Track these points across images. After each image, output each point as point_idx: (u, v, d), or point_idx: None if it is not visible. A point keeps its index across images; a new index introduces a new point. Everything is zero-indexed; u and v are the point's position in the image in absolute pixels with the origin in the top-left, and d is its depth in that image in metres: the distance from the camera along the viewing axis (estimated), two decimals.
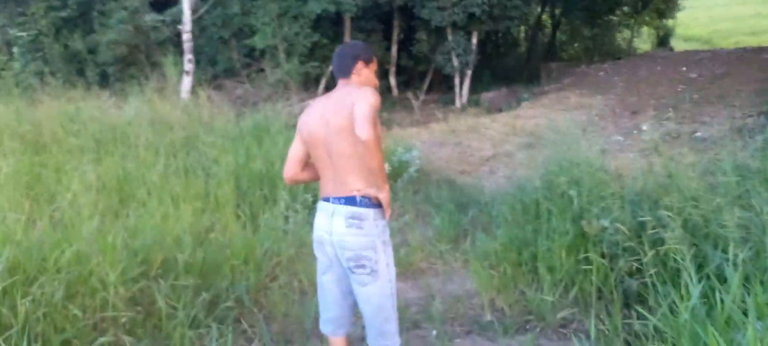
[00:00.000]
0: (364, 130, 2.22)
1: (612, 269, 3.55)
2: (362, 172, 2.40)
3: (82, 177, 4.89)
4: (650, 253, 3.22)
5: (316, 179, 2.65)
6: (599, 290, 3.58)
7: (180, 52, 11.76)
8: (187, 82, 11.16)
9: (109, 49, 12.65)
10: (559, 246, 3.81)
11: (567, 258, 3.75)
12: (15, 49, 12.95)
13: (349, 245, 2.42)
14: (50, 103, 7.74)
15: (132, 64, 13.11)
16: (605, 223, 3.62)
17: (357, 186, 2.41)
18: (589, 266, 3.59)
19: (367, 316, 2.54)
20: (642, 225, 3.54)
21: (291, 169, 2.65)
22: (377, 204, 2.42)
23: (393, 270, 2.54)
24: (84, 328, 2.79)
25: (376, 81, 2.64)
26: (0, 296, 2.63)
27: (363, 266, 2.43)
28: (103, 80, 12.88)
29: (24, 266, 2.85)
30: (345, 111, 2.35)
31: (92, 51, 13.08)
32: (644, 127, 7.42)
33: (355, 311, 2.74)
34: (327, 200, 2.51)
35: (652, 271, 3.22)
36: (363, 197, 2.41)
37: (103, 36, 12.67)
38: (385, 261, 2.47)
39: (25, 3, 12.92)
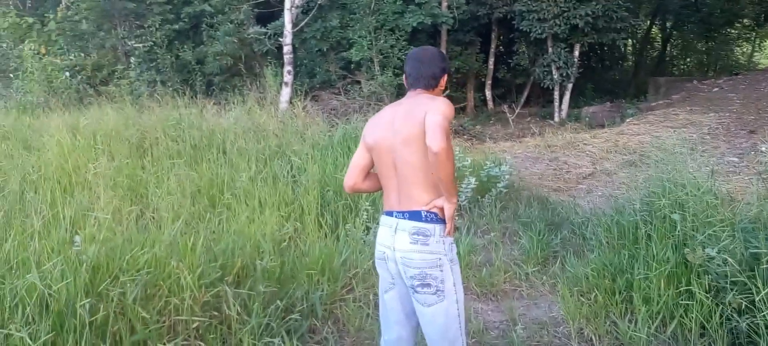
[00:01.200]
0: (436, 140, 2.10)
1: (718, 305, 3.18)
2: (428, 185, 2.27)
3: (177, 181, 5.10)
4: (765, 289, 2.85)
5: (378, 189, 2.54)
6: (702, 328, 3.23)
7: (281, 63, 12.17)
8: (285, 92, 11.50)
9: (215, 60, 13.34)
10: (658, 275, 3.50)
11: (666, 289, 3.43)
12: (132, 60, 13.96)
13: (414, 262, 2.29)
14: (158, 110, 8.22)
15: (236, 75, 13.75)
16: (712, 252, 3.26)
17: (424, 200, 2.28)
18: (692, 301, 3.24)
19: (432, 339, 2.39)
20: (756, 257, 3.16)
21: (352, 177, 2.54)
22: (444, 219, 2.28)
23: (461, 290, 2.39)
24: (156, 330, 2.85)
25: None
26: (82, 294, 2.74)
27: (428, 286, 2.29)
28: (209, 90, 13.59)
29: (108, 265, 2.96)
30: (415, 120, 2.23)
31: (200, 62, 13.85)
32: (763, 148, 6.72)
33: (418, 334, 2.58)
34: (390, 213, 2.40)
35: (766, 310, 2.84)
36: (428, 212, 2.28)
37: (211, 47, 13.38)
38: (452, 280, 2.32)
39: (143, 16, 13.91)
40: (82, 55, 14.58)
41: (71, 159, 5.81)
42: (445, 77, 2.49)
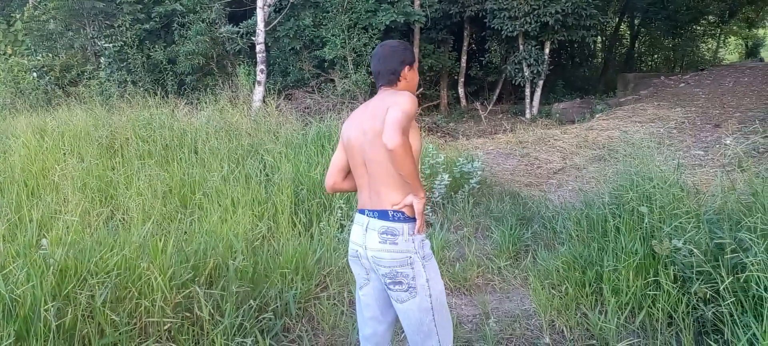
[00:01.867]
0: (390, 137, 2.08)
1: (684, 295, 3.26)
2: (397, 183, 2.27)
3: (148, 181, 5.03)
4: (728, 279, 2.93)
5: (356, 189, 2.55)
6: (669, 317, 3.30)
7: (253, 62, 12.08)
8: (258, 91, 11.42)
9: (187, 60, 13.18)
10: (626, 267, 3.56)
11: (634, 280, 3.49)
12: (102, 60, 13.71)
13: (384, 262, 2.29)
14: (128, 110, 8.10)
15: (208, 74, 13.62)
16: (678, 243, 3.33)
17: (391, 198, 2.29)
18: (659, 291, 3.32)
19: (407, 332, 2.41)
20: (720, 247, 3.24)
21: (332, 177, 2.54)
22: (413, 218, 2.29)
23: (437, 285, 2.36)
24: (127, 333, 2.81)
25: (416, 79, 2.49)
26: (48, 298, 2.69)
27: (400, 283, 2.30)
28: (181, 89, 13.43)
29: (76, 268, 2.91)
30: (378, 117, 2.22)
31: (172, 61, 13.68)
32: (727, 142, 6.89)
33: (397, 328, 2.60)
34: (362, 212, 2.40)
35: (730, 299, 2.92)
36: (396, 211, 2.28)
37: (182, 47, 13.22)
38: (424, 276, 2.31)
39: (113, 16, 13.68)
40: (50, 55, 14.28)
41: (38, 161, 5.70)
42: (409, 69, 2.42)
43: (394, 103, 2.17)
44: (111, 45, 13.37)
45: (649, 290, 3.40)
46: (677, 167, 4.34)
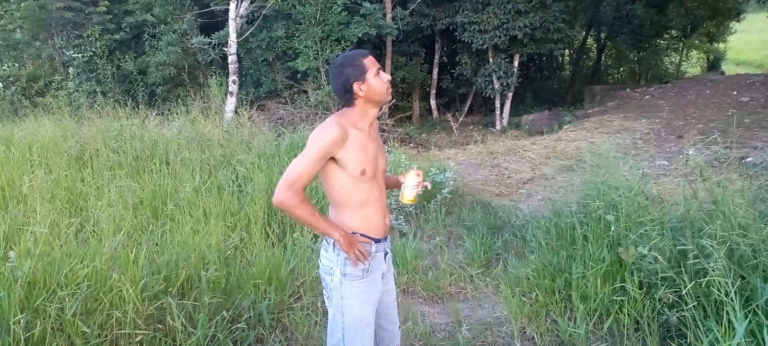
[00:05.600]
0: (276, 191, 2.12)
1: (650, 300, 3.36)
2: (333, 203, 2.35)
3: (118, 192, 4.97)
4: (691, 284, 3.02)
5: None
6: (636, 322, 3.39)
7: (226, 73, 12.03)
8: (230, 102, 11.36)
9: (158, 70, 13.06)
10: (594, 274, 3.65)
11: (602, 287, 3.58)
12: (70, 70, 13.50)
13: (320, 262, 2.41)
14: (98, 121, 7.98)
15: (179, 85, 13.50)
16: (643, 250, 3.42)
17: (330, 213, 2.39)
18: (626, 297, 3.41)
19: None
20: (683, 253, 3.34)
21: None
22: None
23: (354, 309, 2.30)
24: (98, 345, 2.78)
25: (381, 87, 2.26)
26: (16, 310, 2.65)
27: (324, 286, 2.41)
28: (152, 100, 13.29)
29: (45, 280, 2.87)
30: None
31: (142, 72, 13.53)
32: (690, 152, 7.10)
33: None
34: None
35: (692, 304, 3.02)
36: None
37: (153, 57, 13.09)
38: (340, 294, 2.30)
39: (81, 26, 13.49)
40: (17, 65, 14.01)
41: (5, 172, 5.58)
42: (362, 83, 2.23)
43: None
44: (80, 55, 13.18)
45: (617, 296, 3.48)
46: (642, 177, 4.47)
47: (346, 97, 2.26)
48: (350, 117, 2.28)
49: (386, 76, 2.30)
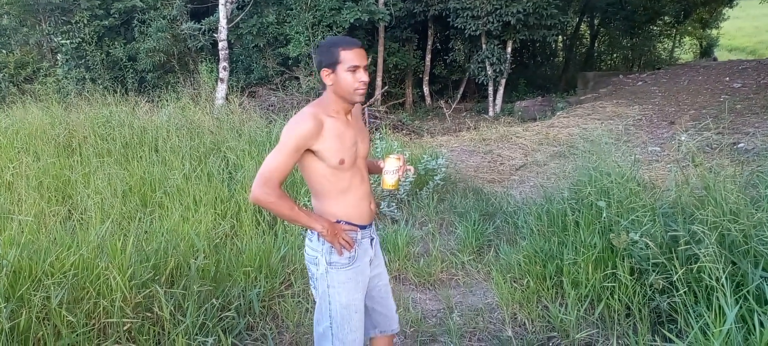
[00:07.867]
0: (253, 188, 2.09)
1: (641, 286, 3.35)
2: (314, 193, 2.33)
3: (107, 179, 4.92)
4: (682, 270, 3.02)
5: None
6: (627, 308, 3.39)
7: (216, 59, 11.92)
8: (221, 89, 11.27)
9: (147, 57, 12.93)
10: (585, 260, 3.64)
11: (593, 273, 3.57)
12: (59, 57, 13.34)
13: (305, 252, 2.38)
14: (87, 108, 7.90)
15: (169, 72, 13.39)
16: (635, 237, 3.41)
17: (313, 203, 2.37)
18: (617, 283, 3.40)
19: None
20: (674, 239, 3.34)
21: None
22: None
23: (341, 297, 2.28)
24: (85, 334, 2.75)
25: (347, 85, 2.17)
26: (1, 299, 2.61)
27: (310, 276, 2.38)
28: (141, 87, 13.16)
29: (30, 269, 2.83)
30: None
31: (132, 58, 13.39)
32: (682, 138, 7.10)
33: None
34: None
35: (683, 289, 3.01)
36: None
37: (143, 44, 12.95)
38: (326, 282, 2.29)
39: (70, 12, 13.31)
40: (4, 52, 13.83)
41: None
42: (330, 72, 2.17)
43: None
44: (68, 42, 13.01)
45: (608, 282, 3.48)
46: (634, 163, 4.46)
47: (326, 83, 2.22)
48: (325, 105, 2.24)
49: (363, 77, 2.19)
